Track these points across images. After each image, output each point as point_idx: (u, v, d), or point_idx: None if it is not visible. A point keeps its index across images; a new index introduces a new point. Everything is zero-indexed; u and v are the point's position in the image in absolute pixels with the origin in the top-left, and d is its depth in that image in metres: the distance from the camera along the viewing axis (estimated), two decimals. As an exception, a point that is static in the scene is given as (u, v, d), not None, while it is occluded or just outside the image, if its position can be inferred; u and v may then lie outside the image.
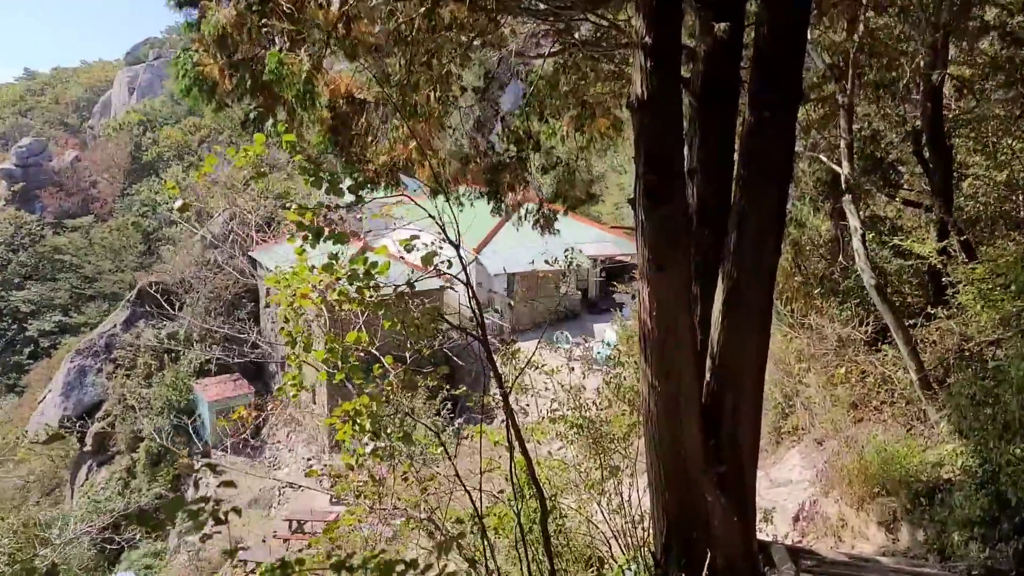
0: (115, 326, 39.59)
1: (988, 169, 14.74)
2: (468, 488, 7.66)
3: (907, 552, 10.49)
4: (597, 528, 8.61)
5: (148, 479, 36.84)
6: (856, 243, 11.49)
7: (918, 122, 14.01)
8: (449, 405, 33.60)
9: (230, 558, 18.94)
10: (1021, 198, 14.45)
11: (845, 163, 11.70)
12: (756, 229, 7.02)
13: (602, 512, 8.94)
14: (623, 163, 38.56)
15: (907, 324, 11.74)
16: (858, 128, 13.73)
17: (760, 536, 10.70)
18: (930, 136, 13.51)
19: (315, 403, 36.11)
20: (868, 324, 12.88)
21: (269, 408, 33.08)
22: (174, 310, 39.46)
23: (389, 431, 7.02)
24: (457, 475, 7.51)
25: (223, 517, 4.09)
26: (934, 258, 12.26)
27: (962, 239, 12.43)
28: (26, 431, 40.06)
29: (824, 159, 12.76)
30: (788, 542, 11.58)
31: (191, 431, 37.41)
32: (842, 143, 11.75)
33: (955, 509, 9.87)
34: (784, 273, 14.09)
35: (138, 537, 33.67)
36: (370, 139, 8.87)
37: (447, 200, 7.42)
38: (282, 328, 6.71)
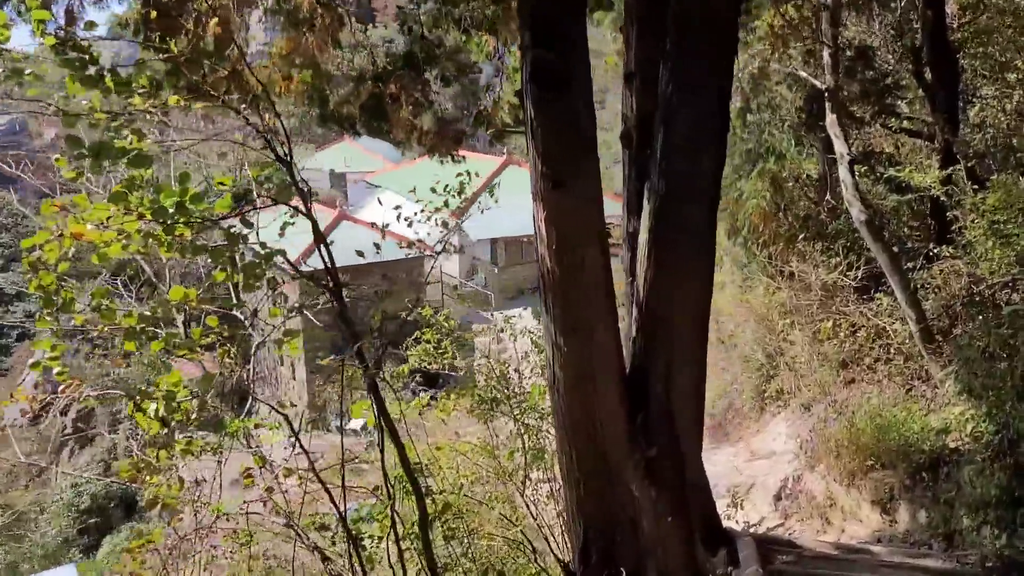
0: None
1: (998, 94, 12.66)
2: (328, 485, 5.84)
3: (906, 537, 8.62)
4: (516, 527, 6.75)
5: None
6: (843, 172, 9.50)
7: (918, 37, 11.93)
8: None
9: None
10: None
11: (828, 76, 9.68)
12: (689, 125, 5.09)
13: (528, 507, 7.09)
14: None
15: (906, 268, 9.78)
16: (845, 43, 11.67)
17: (731, 523, 8.86)
18: (932, 51, 11.42)
19: (294, 379, 34.44)
20: (858, 269, 10.89)
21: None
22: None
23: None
24: (312, 467, 5.68)
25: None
26: (937, 188, 10.23)
27: (969, 165, 10.41)
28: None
29: (803, 74, 10.72)
30: (765, 528, 9.75)
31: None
32: (825, 53, 9.72)
33: (964, 486, 7.97)
34: (763, 215, 12.15)
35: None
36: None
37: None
38: (30, 280, 4.75)
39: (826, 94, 9.76)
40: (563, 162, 4.96)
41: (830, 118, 9.69)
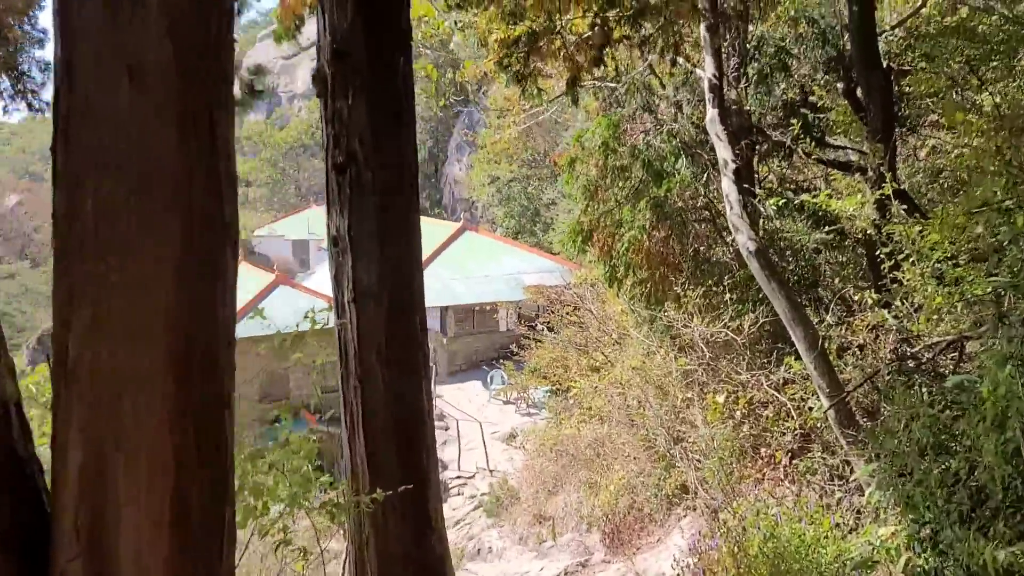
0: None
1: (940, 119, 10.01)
2: None
3: None
4: None
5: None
6: (726, 185, 6.75)
7: (845, 41, 9.37)
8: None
9: None
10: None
11: (708, 61, 7.03)
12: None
13: None
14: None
15: (820, 321, 6.90)
16: (753, 46, 9.11)
17: None
18: (860, 56, 8.82)
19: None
20: (756, 323, 7.99)
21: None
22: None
23: None
24: None
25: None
26: (863, 220, 7.43)
27: (903, 190, 7.65)
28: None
29: (683, 61, 8.09)
30: None
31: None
32: (702, 28, 7.12)
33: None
34: (642, 251, 9.27)
35: None
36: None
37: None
38: None
39: (706, 84, 7.08)
40: None
41: (710, 114, 6.98)
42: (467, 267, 33.63)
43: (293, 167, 57.62)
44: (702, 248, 9.27)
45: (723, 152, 6.89)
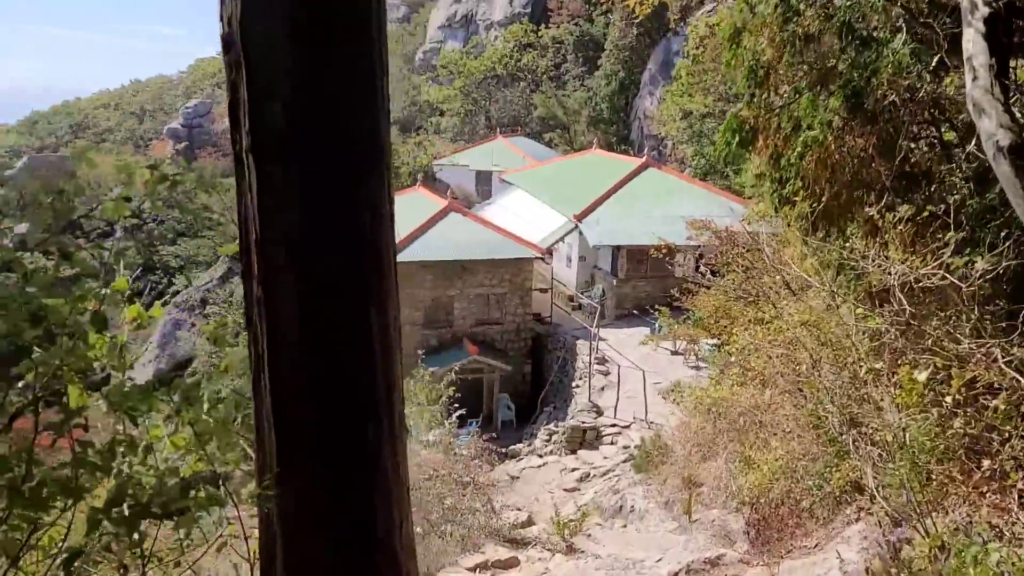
0: (212, 280, 37.23)
1: None
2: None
3: None
4: None
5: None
6: (970, 40, 4.14)
7: None
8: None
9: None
10: None
11: None
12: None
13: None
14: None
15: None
16: None
17: None
18: None
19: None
20: (990, 267, 5.18)
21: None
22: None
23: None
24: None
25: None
26: None
27: None
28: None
29: None
30: None
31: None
32: None
33: None
34: (824, 163, 6.40)
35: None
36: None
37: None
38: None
39: None
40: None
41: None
42: (645, 206, 31.06)
43: (484, 97, 56.97)
44: (916, 161, 6.46)
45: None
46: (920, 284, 5.15)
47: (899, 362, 5.68)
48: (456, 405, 17.88)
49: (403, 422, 2.72)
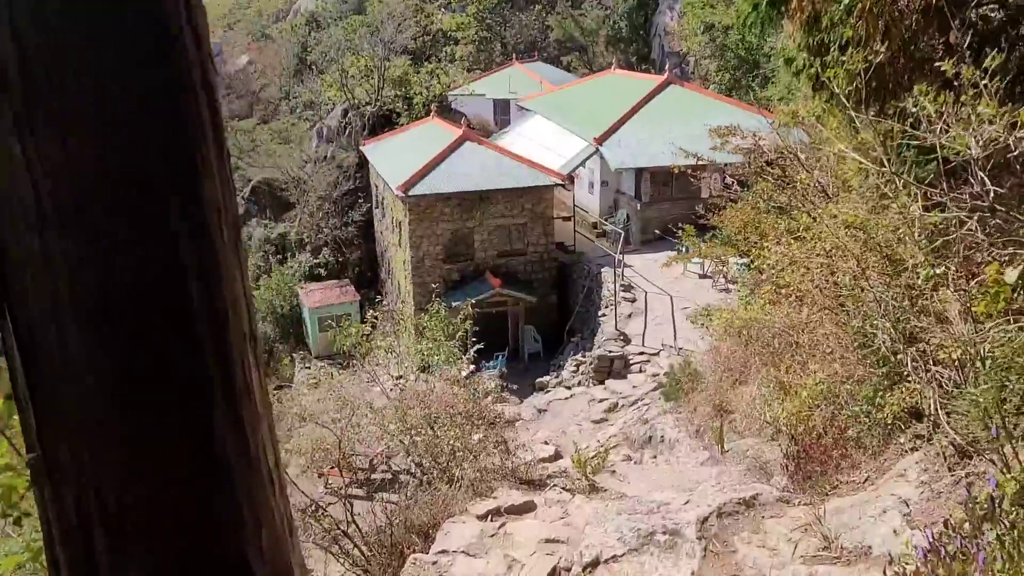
0: (230, 223, 36.64)
1: None
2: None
3: None
4: None
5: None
6: None
7: None
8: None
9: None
10: None
11: None
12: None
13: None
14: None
15: None
16: None
17: None
18: None
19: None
20: None
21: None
22: (284, 209, 35.76)
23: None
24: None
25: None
26: None
27: None
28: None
29: None
30: None
31: (299, 338, 33.83)
32: None
33: None
34: (902, 21, 5.13)
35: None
36: None
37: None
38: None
39: None
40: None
41: None
42: (668, 125, 29.40)
43: (499, 23, 54.72)
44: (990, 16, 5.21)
45: None
46: (1014, 153, 4.00)
47: (973, 264, 4.60)
48: (475, 340, 17.11)
49: (266, 401, 1.67)
